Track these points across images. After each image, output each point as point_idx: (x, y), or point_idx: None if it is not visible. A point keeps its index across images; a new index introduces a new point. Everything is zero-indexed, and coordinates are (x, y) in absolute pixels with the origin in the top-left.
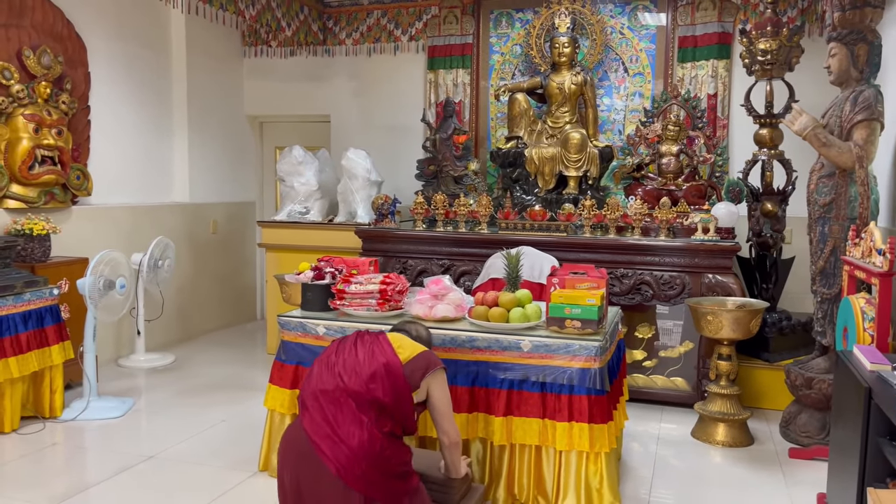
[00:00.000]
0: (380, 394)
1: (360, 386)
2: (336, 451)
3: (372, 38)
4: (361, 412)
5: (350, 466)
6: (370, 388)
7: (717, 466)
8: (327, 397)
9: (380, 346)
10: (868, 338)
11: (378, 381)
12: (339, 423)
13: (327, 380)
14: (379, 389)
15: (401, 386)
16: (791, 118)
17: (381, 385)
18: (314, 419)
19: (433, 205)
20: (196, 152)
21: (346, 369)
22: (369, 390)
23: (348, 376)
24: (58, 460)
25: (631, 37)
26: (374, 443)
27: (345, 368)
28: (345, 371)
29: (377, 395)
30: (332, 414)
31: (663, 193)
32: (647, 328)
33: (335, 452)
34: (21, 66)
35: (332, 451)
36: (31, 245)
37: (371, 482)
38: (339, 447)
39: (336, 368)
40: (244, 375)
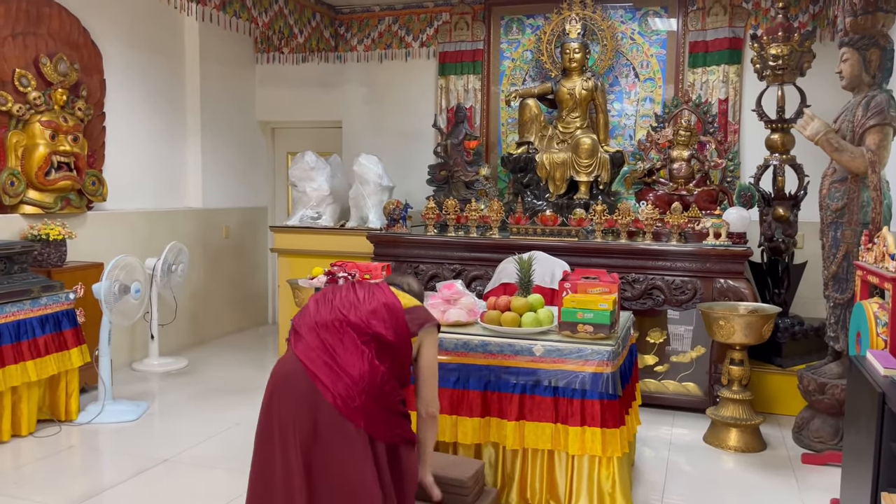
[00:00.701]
0: (381, 329)
1: (360, 319)
2: (335, 380)
3: (383, 45)
4: (364, 344)
5: (349, 397)
6: (371, 322)
7: (729, 472)
8: (326, 328)
9: (380, 289)
10: (881, 343)
11: (379, 317)
12: (339, 353)
13: (325, 313)
14: (380, 325)
15: (401, 327)
16: (803, 123)
17: (383, 321)
18: (310, 347)
19: (444, 210)
20: (209, 158)
21: (345, 304)
22: (370, 325)
23: (348, 310)
24: (74, 463)
25: (642, 42)
26: (375, 374)
27: (343, 304)
28: (343, 306)
29: (379, 329)
30: (332, 344)
31: (675, 198)
32: (659, 333)
33: (334, 382)
34: (38, 74)
35: (330, 380)
36: (47, 250)
37: (370, 415)
38: (338, 377)
39: (335, 303)
40: (257, 379)
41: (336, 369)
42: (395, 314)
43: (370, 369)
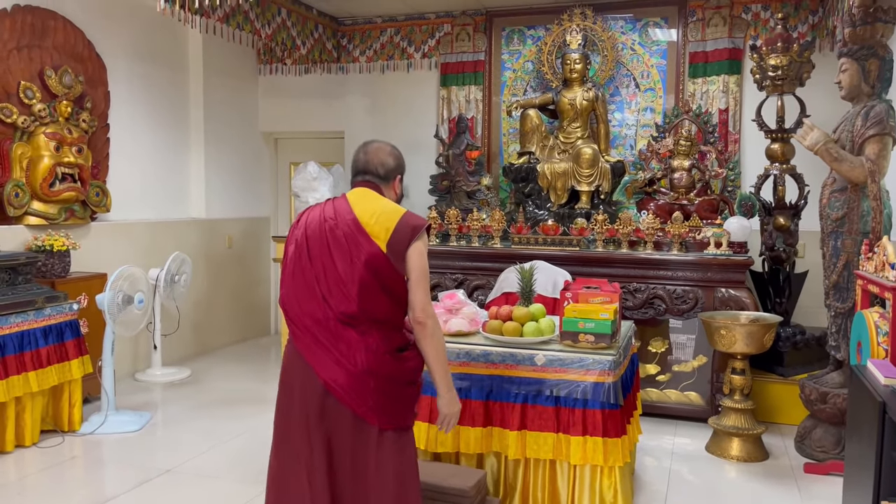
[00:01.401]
0: (375, 309)
1: (350, 307)
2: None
3: (385, 56)
4: (362, 335)
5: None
6: (364, 309)
7: (731, 481)
8: (321, 326)
9: (353, 240)
10: (882, 352)
11: (370, 293)
12: (343, 353)
13: (314, 307)
14: (373, 304)
15: (392, 282)
16: (802, 133)
17: (375, 299)
18: (311, 349)
19: (446, 219)
20: (212, 169)
21: (330, 290)
22: (363, 311)
23: (335, 300)
24: (77, 474)
25: (642, 53)
26: (382, 365)
27: (329, 289)
28: (330, 292)
29: (373, 311)
30: (332, 342)
31: (675, 208)
32: (661, 342)
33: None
34: (43, 86)
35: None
36: (51, 261)
37: (383, 410)
38: (347, 374)
39: (318, 289)
40: (259, 389)
41: (342, 364)
42: (382, 276)
43: (377, 360)
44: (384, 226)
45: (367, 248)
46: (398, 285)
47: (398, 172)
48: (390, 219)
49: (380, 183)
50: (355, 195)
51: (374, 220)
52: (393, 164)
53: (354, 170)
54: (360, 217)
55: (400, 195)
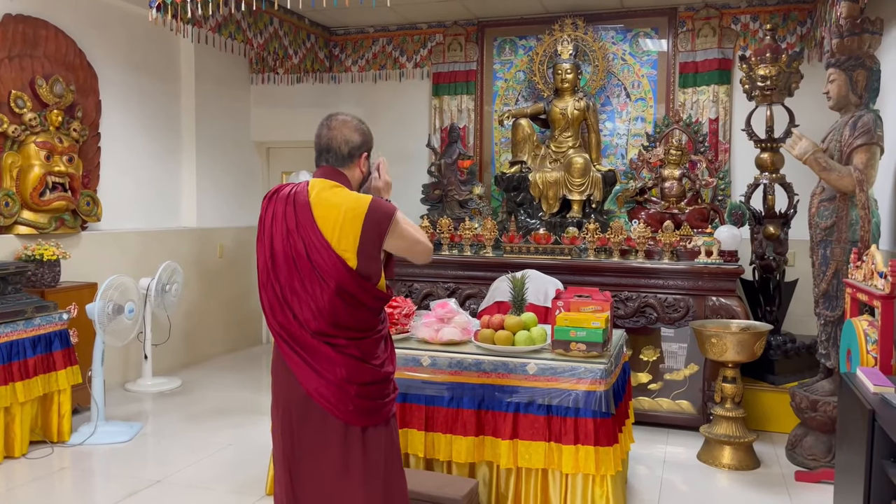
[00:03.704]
0: (349, 323)
1: (323, 325)
2: (324, 393)
3: (377, 66)
4: (338, 350)
5: (341, 405)
6: (336, 327)
7: (723, 490)
8: (298, 342)
9: (319, 258)
10: (871, 360)
11: (340, 313)
12: (322, 366)
13: (289, 324)
14: (343, 319)
15: (364, 296)
16: (791, 143)
17: (346, 315)
18: (292, 359)
19: (438, 228)
20: (204, 178)
21: (301, 306)
22: (336, 329)
23: (305, 316)
24: (66, 485)
25: (633, 63)
26: (362, 374)
27: (299, 306)
28: (300, 308)
29: (347, 324)
30: (310, 357)
31: (666, 217)
32: (652, 351)
33: (324, 395)
34: (34, 95)
35: (317, 391)
36: (41, 270)
37: (361, 412)
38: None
39: (287, 306)
40: (251, 399)
41: (323, 375)
42: (353, 291)
43: (356, 370)
44: (350, 234)
45: (334, 270)
46: (370, 296)
47: (364, 149)
48: (354, 221)
49: (342, 165)
50: (315, 188)
51: (336, 228)
52: (358, 141)
53: (318, 148)
54: (322, 227)
55: (367, 174)
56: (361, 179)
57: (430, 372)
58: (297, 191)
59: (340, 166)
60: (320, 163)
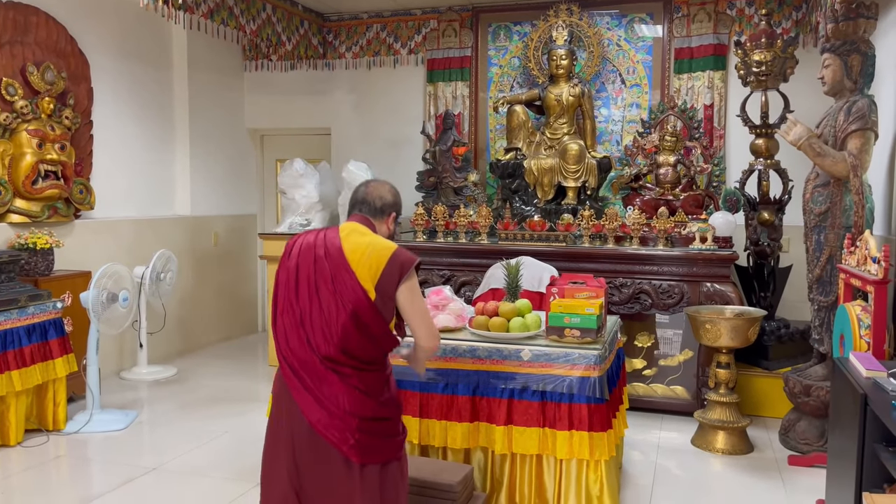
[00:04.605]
0: (356, 352)
1: (332, 351)
2: (327, 425)
3: (371, 52)
4: (344, 380)
5: (343, 437)
6: (345, 352)
7: (717, 474)
8: (307, 368)
9: (341, 283)
10: (864, 345)
11: (351, 340)
12: (325, 394)
13: (299, 347)
14: (354, 348)
15: (375, 327)
16: (786, 129)
17: (356, 343)
18: (297, 387)
19: (433, 216)
20: (198, 166)
21: (314, 331)
22: (344, 355)
23: (317, 341)
24: (62, 473)
25: (628, 49)
26: (364, 407)
27: (312, 330)
28: (312, 333)
29: (353, 353)
30: (316, 385)
31: (661, 203)
32: (647, 337)
33: (327, 427)
34: (25, 82)
35: (320, 422)
36: (34, 259)
37: (364, 448)
38: (330, 415)
39: (304, 329)
40: (246, 387)
41: (326, 406)
42: (366, 320)
43: (359, 402)
44: (373, 267)
45: (353, 295)
46: (381, 330)
47: (394, 209)
48: (380, 258)
49: (374, 217)
50: (347, 229)
51: (363, 259)
52: (391, 200)
53: (353, 201)
54: (349, 256)
55: (393, 232)
56: (387, 236)
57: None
58: (328, 228)
59: (372, 217)
60: (353, 212)
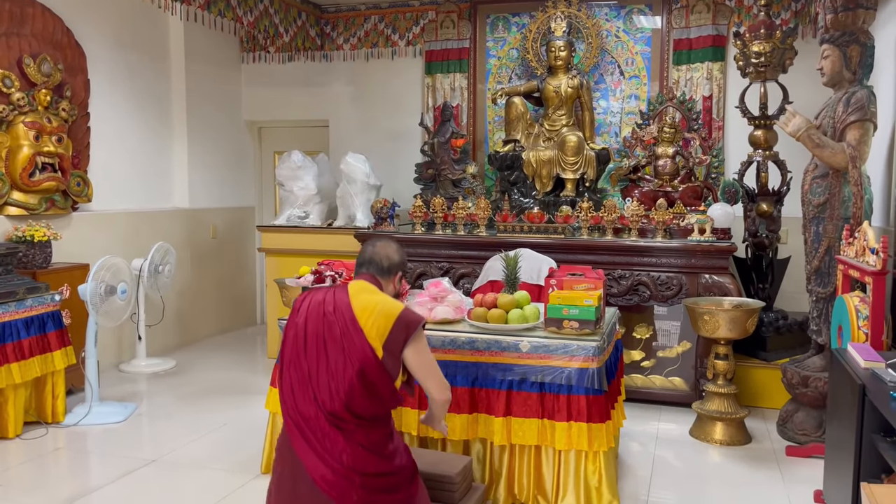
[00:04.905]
0: (360, 410)
1: (337, 407)
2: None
3: (369, 43)
4: (347, 436)
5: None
6: (350, 408)
7: (715, 465)
8: (310, 425)
9: (349, 339)
10: (862, 336)
11: (356, 396)
12: (330, 452)
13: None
14: (358, 406)
15: (382, 385)
16: (785, 120)
17: (360, 399)
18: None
19: (432, 208)
20: (195, 158)
21: (320, 387)
22: (349, 411)
23: (323, 397)
24: (61, 465)
25: (626, 40)
26: (367, 464)
27: (319, 386)
28: (319, 389)
29: (357, 410)
30: (320, 441)
31: (660, 195)
32: (645, 329)
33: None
34: (21, 74)
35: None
36: (32, 251)
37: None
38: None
39: (311, 386)
40: (245, 380)
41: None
42: (372, 379)
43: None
44: (381, 326)
45: (361, 353)
46: (387, 389)
47: (400, 269)
48: (388, 318)
49: (381, 276)
50: (355, 288)
51: (371, 318)
52: (397, 260)
53: (360, 260)
54: (359, 314)
55: (398, 291)
56: (393, 295)
57: None
58: (337, 286)
59: (380, 277)
60: (360, 271)
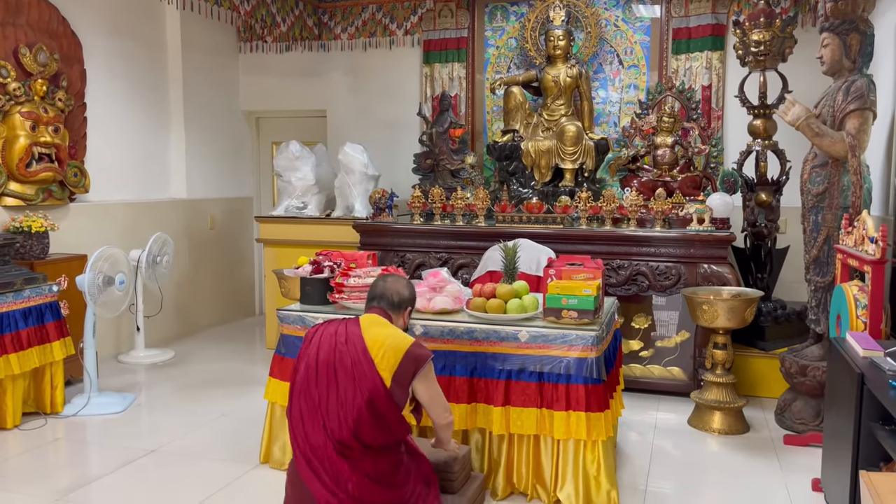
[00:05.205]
0: (368, 440)
1: (345, 435)
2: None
3: (367, 33)
4: (353, 469)
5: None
6: (358, 436)
7: (713, 454)
8: (318, 454)
9: (360, 369)
10: (861, 325)
11: (364, 425)
12: (338, 483)
13: (316, 433)
14: (366, 435)
15: (390, 416)
16: (784, 109)
17: (368, 428)
18: (309, 476)
19: (430, 198)
20: (193, 148)
21: (329, 415)
22: (357, 439)
23: (332, 425)
24: (60, 455)
25: (625, 29)
26: (374, 497)
27: (328, 414)
28: (328, 417)
29: (366, 441)
30: (327, 470)
31: (659, 185)
32: (644, 318)
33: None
34: (17, 64)
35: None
36: (29, 242)
37: None
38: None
39: (320, 413)
40: (244, 370)
41: (335, 493)
42: (381, 409)
43: (368, 489)
44: (391, 359)
45: (371, 382)
46: (394, 418)
47: (410, 304)
48: (397, 352)
49: (391, 311)
50: (367, 321)
51: (382, 350)
52: (407, 296)
53: (371, 295)
54: (370, 346)
55: (407, 325)
56: (402, 328)
57: (422, 340)
58: (349, 319)
59: (390, 311)
60: (371, 305)
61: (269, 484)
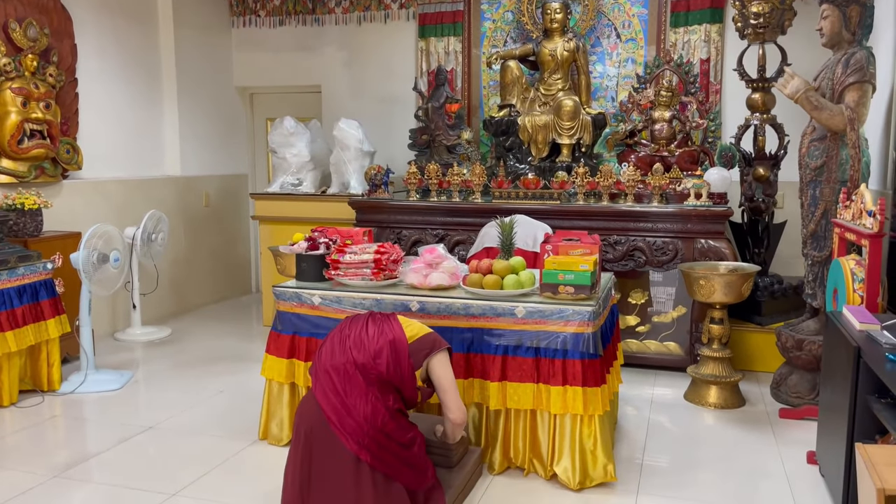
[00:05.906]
0: (384, 368)
1: (366, 359)
2: (344, 421)
3: (362, 7)
4: (368, 386)
5: (356, 436)
6: (376, 362)
7: (709, 428)
8: (338, 371)
9: (389, 325)
10: (858, 298)
11: (384, 356)
12: (348, 395)
13: (338, 354)
14: (383, 364)
15: (404, 363)
16: (783, 81)
17: (386, 360)
18: (325, 391)
19: (426, 175)
20: (186, 125)
21: (355, 343)
22: (375, 364)
23: (357, 350)
24: (58, 432)
25: (623, 2)
26: (376, 416)
27: (354, 343)
28: (354, 345)
29: (381, 369)
30: (342, 386)
31: (656, 160)
32: (641, 294)
33: (343, 423)
34: (7, 39)
35: (340, 421)
36: (22, 220)
37: (374, 454)
38: (346, 419)
39: (347, 343)
40: (241, 347)
41: (344, 412)
42: (399, 352)
43: (372, 412)
44: (415, 329)
45: (396, 333)
46: (408, 368)
47: None
48: (422, 329)
49: None
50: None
51: (409, 324)
52: None
53: None
54: (400, 317)
55: None
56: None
57: (418, 317)
58: None
59: None
60: None
61: (267, 459)
